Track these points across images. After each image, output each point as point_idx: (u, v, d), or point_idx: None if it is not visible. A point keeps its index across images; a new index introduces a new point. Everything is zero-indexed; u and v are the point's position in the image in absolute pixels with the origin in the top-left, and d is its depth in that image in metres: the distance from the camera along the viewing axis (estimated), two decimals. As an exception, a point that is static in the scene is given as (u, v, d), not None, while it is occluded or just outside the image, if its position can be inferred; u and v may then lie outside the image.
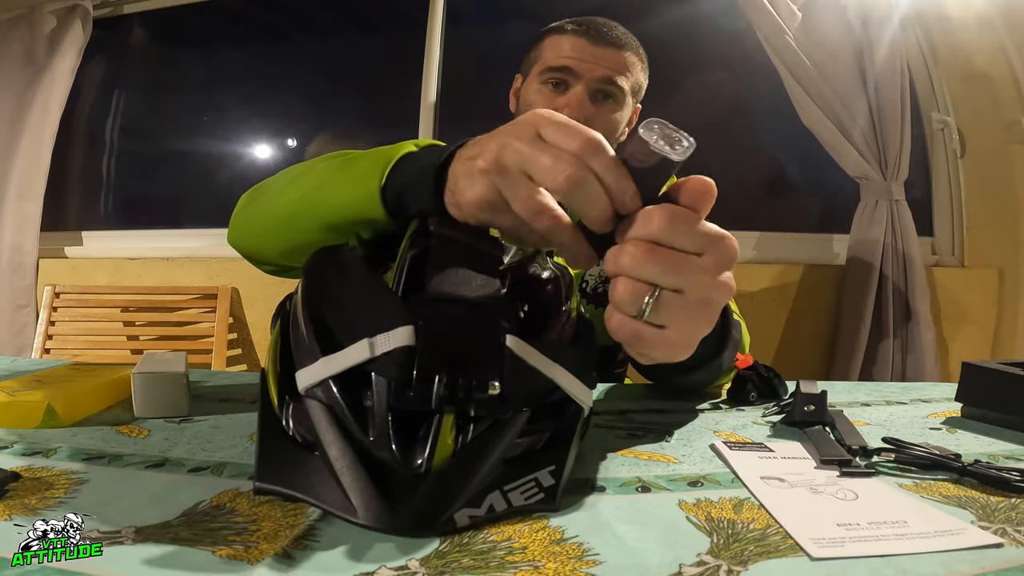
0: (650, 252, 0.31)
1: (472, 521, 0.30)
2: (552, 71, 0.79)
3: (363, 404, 0.32)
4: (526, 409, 0.34)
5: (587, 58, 0.77)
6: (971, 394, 0.56)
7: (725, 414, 0.56)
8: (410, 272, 0.34)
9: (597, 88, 0.78)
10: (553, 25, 0.82)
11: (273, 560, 0.28)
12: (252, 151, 2.17)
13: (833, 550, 0.29)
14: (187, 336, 1.82)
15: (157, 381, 0.52)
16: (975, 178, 1.66)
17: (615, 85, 0.78)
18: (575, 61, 0.77)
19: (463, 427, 0.32)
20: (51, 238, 1.97)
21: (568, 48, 0.78)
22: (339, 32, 2.17)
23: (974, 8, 1.61)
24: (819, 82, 1.54)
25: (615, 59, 0.78)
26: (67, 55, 1.91)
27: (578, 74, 0.78)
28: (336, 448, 0.32)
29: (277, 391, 0.36)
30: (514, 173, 0.33)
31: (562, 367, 0.35)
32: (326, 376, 0.33)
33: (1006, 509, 0.34)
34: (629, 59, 0.79)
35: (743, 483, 0.38)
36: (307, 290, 0.38)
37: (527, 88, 0.83)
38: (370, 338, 0.31)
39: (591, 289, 0.81)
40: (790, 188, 1.95)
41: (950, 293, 1.63)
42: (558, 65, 0.78)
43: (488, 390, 0.31)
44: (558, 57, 0.79)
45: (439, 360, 0.31)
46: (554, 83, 0.79)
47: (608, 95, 0.79)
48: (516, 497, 0.32)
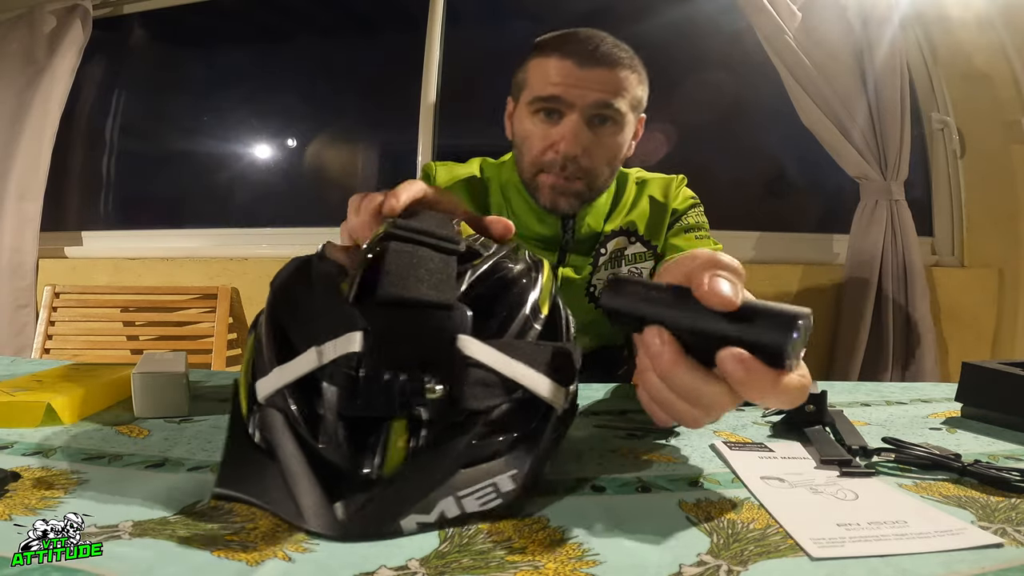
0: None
1: (420, 528, 0.30)
2: (540, 100, 0.72)
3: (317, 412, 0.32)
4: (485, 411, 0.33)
5: (576, 83, 0.70)
6: (971, 394, 0.56)
7: (725, 414, 0.56)
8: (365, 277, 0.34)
9: (593, 114, 0.72)
10: (537, 42, 0.76)
11: (272, 560, 0.28)
12: (252, 151, 2.17)
13: (833, 550, 0.29)
14: (187, 336, 1.82)
15: (157, 381, 0.52)
16: (975, 178, 1.66)
17: (611, 108, 0.71)
18: (564, 88, 0.70)
19: (416, 431, 0.31)
20: (51, 238, 1.97)
21: (555, 74, 0.71)
22: (339, 32, 2.17)
23: (974, 8, 1.61)
24: (819, 82, 1.54)
25: (607, 80, 0.71)
26: (67, 55, 1.90)
27: (569, 102, 0.71)
28: (289, 455, 0.32)
29: (247, 400, 0.37)
30: None
31: (526, 365, 0.34)
32: (280, 385, 0.33)
33: (1006, 509, 0.34)
34: (623, 76, 0.71)
35: (743, 483, 0.38)
36: (271, 302, 0.38)
37: (520, 117, 0.77)
38: (318, 346, 0.32)
39: (599, 293, 0.80)
40: (790, 188, 1.95)
41: (950, 293, 1.63)
42: (546, 95, 0.71)
43: (429, 393, 0.30)
44: (545, 85, 0.72)
45: (386, 365, 0.30)
46: (546, 112, 0.73)
47: (606, 119, 0.72)
48: (470, 503, 0.31)
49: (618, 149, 0.75)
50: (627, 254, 0.80)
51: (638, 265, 0.80)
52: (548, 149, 0.72)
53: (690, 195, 0.85)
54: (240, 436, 0.36)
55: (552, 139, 0.72)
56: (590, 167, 0.73)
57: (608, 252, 0.80)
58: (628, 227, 0.81)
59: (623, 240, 0.81)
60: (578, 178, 0.73)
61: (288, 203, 2.12)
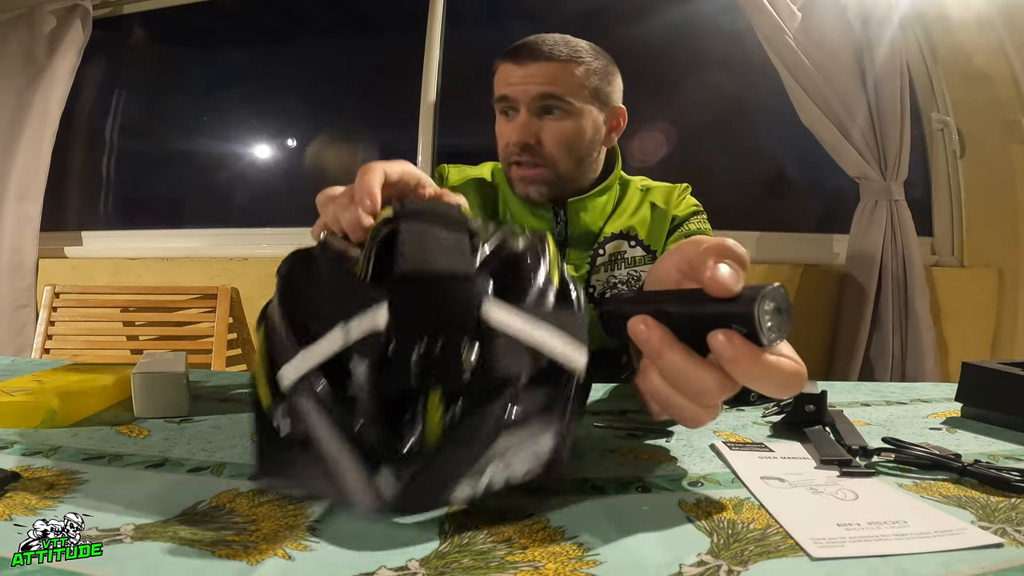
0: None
1: (471, 496, 0.30)
2: (497, 101, 0.82)
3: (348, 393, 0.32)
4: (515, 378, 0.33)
5: (517, 81, 0.79)
6: (971, 394, 0.56)
7: (725, 414, 0.56)
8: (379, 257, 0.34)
9: (539, 105, 0.79)
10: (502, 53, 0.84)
11: (273, 560, 0.28)
12: (252, 151, 2.17)
13: (833, 550, 0.29)
14: (187, 336, 1.82)
15: (157, 381, 0.52)
16: (975, 178, 1.66)
17: (554, 98, 0.78)
18: (508, 88, 0.79)
19: (450, 404, 0.31)
20: (51, 238, 1.97)
21: (502, 77, 0.80)
22: (339, 32, 2.17)
23: (974, 8, 1.61)
24: (819, 82, 1.54)
25: (545, 74, 0.78)
26: (67, 55, 1.91)
27: (515, 99, 0.79)
28: (326, 440, 0.32)
29: (269, 391, 0.36)
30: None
31: (549, 331, 0.33)
32: (307, 369, 0.32)
33: (1006, 509, 0.34)
34: (566, 68, 0.78)
35: (743, 483, 0.38)
36: (281, 292, 0.38)
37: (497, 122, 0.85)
38: (344, 323, 0.31)
39: (598, 295, 0.81)
40: (790, 188, 1.95)
41: (950, 293, 1.63)
42: (499, 95, 0.81)
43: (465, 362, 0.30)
44: (498, 87, 0.81)
45: (414, 337, 0.30)
46: (504, 111, 0.82)
47: (552, 108, 0.79)
48: (515, 468, 0.31)
49: (574, 135, 0.80)
50: (626, 257, 0.82)
51: (637, 268, 0.82)
52: (507, 143, 0.80)
53: (693, 203, 0.88)
54: (266, 429, 0.35)
55: (508, 133, 0.80)
56: (546, 153, 0.79)
57: (607, 254, 0.82)
58: (628, 231, 0.84)
59: (622, 243, 0.83)
60: (538, 165, 0.80)
61: (288, 203, 2.12)
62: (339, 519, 0.32)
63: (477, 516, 0.33)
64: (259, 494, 0.35)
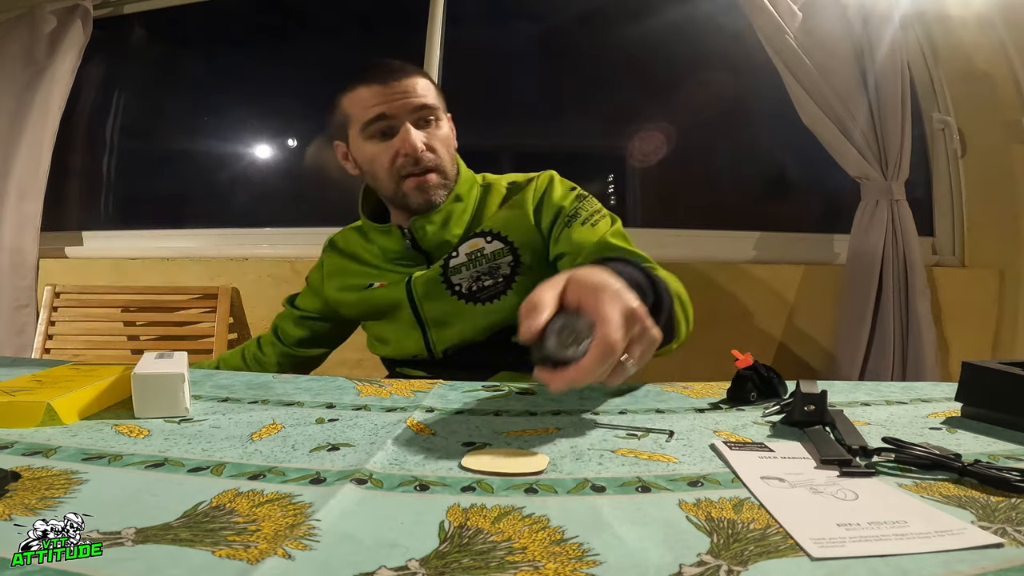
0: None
1: None
2: (370, 124, 0.82)
3: None
4: None
5: (392, 97, 0.81)
6: (971, 394, 0.55)
7: (725, 414, 0.56)
8: None
9: (416, 118, 0.83)
10: (342, 86, 0.86)
11: (273, 560, 0.28)
12: (252, 151, 2.17)
13: (833, 550, 0.29)
14: (187, 336, 1.82)
15: (157, 381, 0.52)
16: (976, 178, 1.66)
17: (427, 108, 0.83)
18: (384, 105, 0.81)
19: None
20: (51, 238, 1.97)
21: (369, 98, 0.82)
22: (339, 32, 2.17)
23: (974, 7, 1.61)
24: (819, 82, 1.54)
25: (414, 87, 0.83)
26: (67, 55, 1.90)
27: (393, 115, 0.82)
28: None
29: None
30: None
31: None
32: None
33: (1006, 509, 0.34)
34: (423, 82, 0.84)
35: (743, 483, 0.38)
36: None
37: (358, 149, 0.86)
38: None
39: (466, 290, 0.85)
40: (790, 188, 1.95)
41: (950, 293, 1.62)
42: (372, 116, 0.82)
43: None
44: (366, 110, 0.82)
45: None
46: (380, 132, 0.83)
47: (428, 118, 0.84)
48: None
49: (449, 140, 0.88)
50: (485, 253, 0.86)
51: (497, 261, 0.85)
52: (396, 157, 0.83)
53: (569, 186, 0.90)
54: None
55: (395, 148, 0.82)
56: (436, 160, 0.84)
57: (461, 254, 0.86)
58: (485, 230, 0.87)
59: (478, 241, 0.86)
60: (431, 171, 0.84)
61: (288, 203, 2.11)
62: (339, 519, 0.32)
63: (477, 516, 0.33)
64: (259, 494, 0.35)
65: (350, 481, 0.37)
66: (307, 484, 0.37)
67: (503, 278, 0.85)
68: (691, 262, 1.63)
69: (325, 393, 0.63)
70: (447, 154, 0.86)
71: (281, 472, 0.39)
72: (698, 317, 0.77)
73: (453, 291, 0.85)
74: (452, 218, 0.87)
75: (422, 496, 0.36)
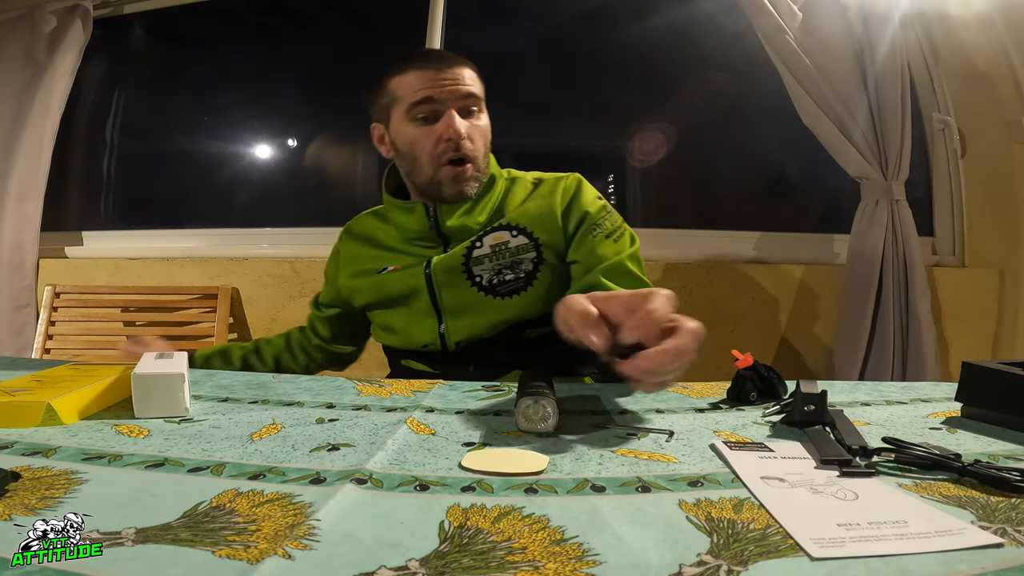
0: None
1: None
2: (416, 106, 0.84)
3: None
4: None
5: (441, 83, 0.83)
6: (971, 394, 0.55)
7: (725, 414, 0.56)
8: None
9: (460, 106, 0.84)
10: (391, 68, 0.88)
11: (273, 560, 0.28)
12: (252, 151, 2.17)
13: (833, 550, 0.29)
14: (187, 336, 1.82)
15: (157, 381, 0.52)
16: (975, 178, 1.66)
17: (473, 97, 0.85)
18: (433, 90, 0.83)
19: None
20: (51, 238, 1.97)
21: (419, 82, 0.83)
22: (339, 32, 2.17)
23: (974, 7, 1.61)
24: (819, 82, 1.54)
25: (462, 75, 0.85)
26: (67, 55, 1.90)
27: (440, 100, 0.83)
28: None
29: None
30: None
31: None
32: None
33: (1006, 509, 0.34)
34: (470, 73, 0.86)
35: (743, 483, 0.38)
36: None
37: (398, 131, 0.87)
38: None
39: (486, 282, 0.84)
40: (790, 188, 1.95)
41: (950, 293, 1.62)
42: (419, 99, 0.83)
43: None
44: (414, 92, 0.83)
45: None
46: (423, 117, 0.84)
47: (472, 108, 0.86)
48: None
49: (487, 132, 0.89)
50: (510, 247, 0.86)
51: (520, 256, 0.85)
52: (438, 142, 0.84)
53: (596, 195, 0.91)
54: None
55: (438, 132, 0.83)
56: (473, 151, 0.85)
57: (486, 245, 0.86)
58: (511, 223, 0.87)
59: (504, 234, 0.86)
60: (468, 161, 0.85)
61: (288, 203, 2.11)
62: (339, 519, 0.32)
63: (477, 516, 0.33)
64: (259, 494, 0.35)
65: (350, 481, 0.37)
66: (307, 484, 0.37)
67: (524, 274, 0.84)
68: (691, 262, 1.63)
69: (325, 393, 0.63)
70: (483, 147, 0.88)
71: (281, 472, 0.39)
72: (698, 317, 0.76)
73: (473, 282, 0.85)
74: (477, 205, 0.88)
75: (422, 496, 0.36)
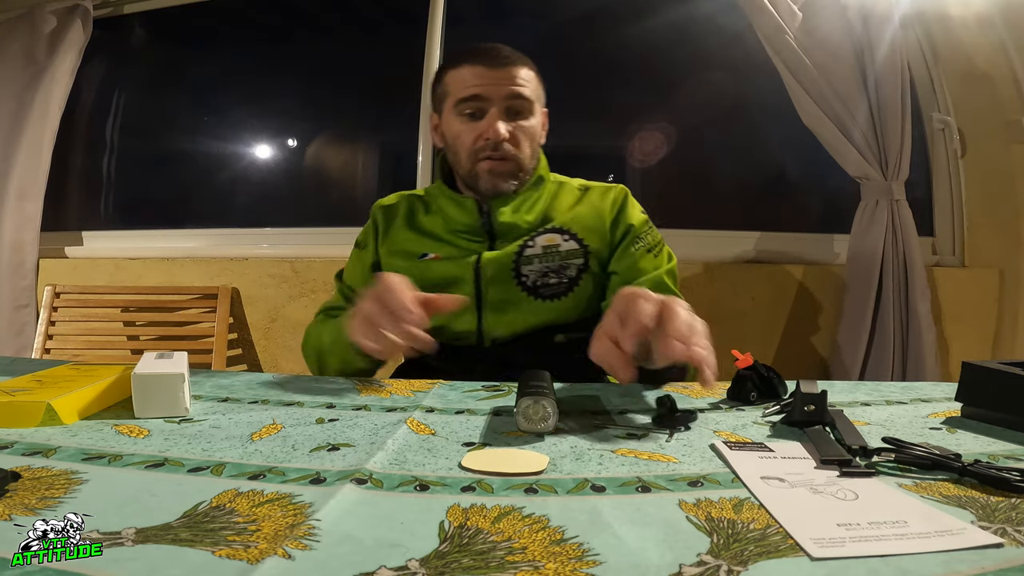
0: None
1: None
2: (463, 102, 0.86)
3: None
4: None
5: (491, 81, 0.84)
6: (971, 394, 0.55)
7: (725, 414, 0.56)
8: None
9: (507, 106, 0.85)
10: (449, 61, 0.90)
11: (273, 560, 0.28)
12: (252, 151, 2.17)
13: (833, 550, 0.29)
14: (187, 336, 1.82)
15: (157, 381, 0.52)
16: (975, 178, 1.66)
17: (521, 98, 0.86)
18: (481, 87, 0.84)
19: None
20: (51, 238, 1.97)
21: (470, 78, 0.85)
22: (339, 32, 2.17)
23: (974, 7, 1.61)
24: (819, 82, 1.54)
25: (514, 76, 0.85)
26: (67, 55, 1.90)
27: (487, 98, 0.85)
28: None
29: None
30: None
31: None
32: None
33: (1006, 509, 0.34)
34: (525, 73, 0.87)
35: (743, 483, 0.38)
36: None
37: (448, 123, 0.89)
38: None
39: (531, 283, 0.85)
40: (790, 188, 1.95)
41: (950, 293, 1.62)
42: (467, 95, 0.85)
43: None
44: (464, 88, 0.85)
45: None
46: (469, 113, 0.86)
47: (519, 108, 0.86)
48: None
49: (534, 133, 0.89)
50: (560, 250, 0.86)
51: (568, 260, 0.86)
52: (478, 139, 0.85)
53: (640, 210, 0.92)
54: None
55: (480, 130, 0.85)
56: (515, 150, 0.86)
57: (538, 246, 0.86)
58: (562, 227, 0.88)
59: (555, 236, 0.87)
60: (507, 159, 0.86)
61: (288, 203, 2.11)
62: (339, 519, 0.32)
63: (477, 516, 0.33)
64: (259, 494, 0.35)
65: (350, 481, 0.37)
66: (307, 484, 0.37)
67: (567, 279, 0.85)
68: (691, 262, 1.63)
69: (325, 393, 0.63)
70: (528, 148, 0.88)
71: (281, 472, 0.39)
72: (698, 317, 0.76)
73: (519, 281, 0.85)
74: (527, 204, 0.89)
75: (422, 496, 0.36)
